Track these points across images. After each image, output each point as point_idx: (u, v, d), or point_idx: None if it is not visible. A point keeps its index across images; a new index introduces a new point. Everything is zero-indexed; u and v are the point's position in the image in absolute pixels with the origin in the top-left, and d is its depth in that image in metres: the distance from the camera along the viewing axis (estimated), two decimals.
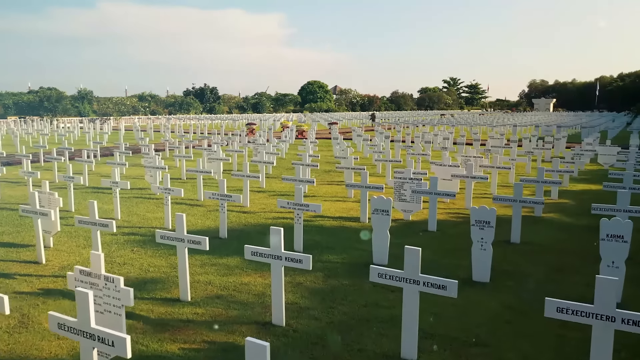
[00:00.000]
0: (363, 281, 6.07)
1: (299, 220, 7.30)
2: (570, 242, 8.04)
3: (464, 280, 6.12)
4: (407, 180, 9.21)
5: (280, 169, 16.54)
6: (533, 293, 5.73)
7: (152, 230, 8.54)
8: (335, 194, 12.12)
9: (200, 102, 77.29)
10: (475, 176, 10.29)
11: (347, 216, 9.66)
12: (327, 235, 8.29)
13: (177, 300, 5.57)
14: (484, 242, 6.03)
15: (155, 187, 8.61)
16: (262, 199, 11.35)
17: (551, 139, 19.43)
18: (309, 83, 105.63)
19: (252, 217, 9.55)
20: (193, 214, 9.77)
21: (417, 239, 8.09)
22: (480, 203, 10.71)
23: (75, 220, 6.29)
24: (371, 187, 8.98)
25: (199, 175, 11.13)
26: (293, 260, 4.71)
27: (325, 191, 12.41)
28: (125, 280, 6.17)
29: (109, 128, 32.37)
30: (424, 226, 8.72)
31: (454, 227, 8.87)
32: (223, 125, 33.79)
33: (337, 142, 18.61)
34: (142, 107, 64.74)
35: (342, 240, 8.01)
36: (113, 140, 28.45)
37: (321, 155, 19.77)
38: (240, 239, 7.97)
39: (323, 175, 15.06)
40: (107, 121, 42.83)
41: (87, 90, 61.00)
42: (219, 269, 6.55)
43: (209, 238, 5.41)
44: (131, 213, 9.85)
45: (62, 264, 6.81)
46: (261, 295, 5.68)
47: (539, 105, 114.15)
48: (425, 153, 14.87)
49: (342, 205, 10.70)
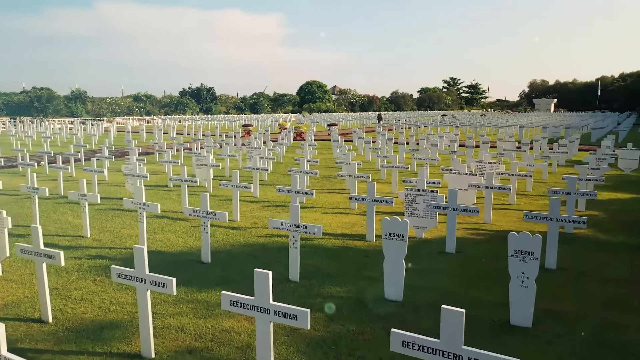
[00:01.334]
0: (375, 326, 4.86)
1: (294, 244, 6.09)
2: (613, 266, 6.83)
3: (501, 324, 4.91)
4: (421, 193, 8.00)
5: (277, 174, 15.31)
6: (590, 344, 4.52)
7: (124, 252, 7.32)
8: (337, 204, 10.90)
9: (197, 103, 75.88)
10: (495, 186, 9.08)
11: (351, 233, 8.44)
12: (328, 258, 7.08)
13: (138, 356, 4.35)
14: (526, 278, 4.82)
15: (128, 201, 7.39)
16: (254, 211, 10.13)
17: (565, 141, 18.24)
18: (307, 83, 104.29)
19: (242, 235, 8.33)
20: (174, 230, 8.54)
21: (435, 262, 6.88)
22: (502, 217, 9.50)
23: (17, 249, 5.06)
24: (379, 200, 7.77)
25: (183, 184, 9.90)
26: (286, 316, 3.50)
27: (325, 201, 11.19)
28: (79, 324, 4.96)
29: (99, 130, 31.11)
30: (440, 246, 7.51)
31: (475, 247, 7.65)
32: (219, 127, 32.55)
33: (338, 145, 17.39)
34: (136, 107, 63.27)
35: (346, 265, 6.80)
36: (102, 142, 27.25)
37: (320, 159, 18.57)
38: (226, 264, 6.76)
39: (323, 182, 13.84)
40: (100, 122, 41.56)
41: (81, 90, 59.66)
42: (196, 308, 5.32)
43: (190, 262, 4.23)
44: (103, 229, 8.62)
45: (5, 300, 5.58)
46: (246, 349, 4.46)
47: (540, 105, 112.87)
48: (434, 158, 13.65)
49: (344, 219, 9.49)
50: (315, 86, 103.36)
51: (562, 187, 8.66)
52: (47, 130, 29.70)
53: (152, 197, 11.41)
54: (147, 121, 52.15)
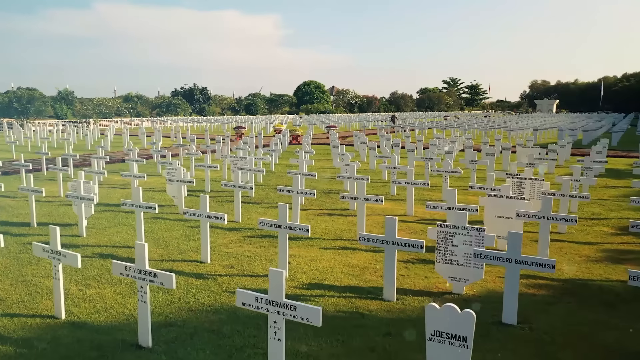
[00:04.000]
0: None
1: (276, 334, 3.73)
2: None
3: None
4: (460, 231, 5.66)
5: (267, 189, 12.92)
6: None
7: (30, 322, 4.93)
8: (339, 233, 8.53)
9: (190, 103, 73.14)
10: (555, 217, 6.73)
11: (360, 285, 6.08)
12: (326, 337, 4.70)
13: None
14: None
15: (38, 247, 5.05)
16: (233, 245, 7.76)
17: (601, 147, 15.91)
18: (305, 83, 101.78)
19: (209, 289, 5.95)
20: (115, 282, 6.15)
21: (490, 345, 4.50)
22: (560, 257, 6.50)
23: None
24: (403, 243, 5.43)
25: (138, 211, 7.50)
26: None
27: (324, 229, 8.82)
28: None
29: (74, 135, 28.62)
30: (492, 311, 5.16)
31: (545, 313, 5.29)
32: (208, 129, 30.19)
33: (339, 153, 15.04)
34: (125, 108, 60.49)
35: (354, 353, 4.43)
36: (78, 148, 24.85)
37: (319, 168, 16.21)
38: (173, 351, 4.39)
39: (321, 200, 11.46)
40: (81, 124, 39.05)
41: (69, 90, 56.85)
42: None
43: (120, 345, 2.30)
44: (17, 281, 6.23)
45: None
46: None
47: (542, 106, 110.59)
48: (455, 170, 11.29)
49: (351, 258, 7.11)
50: (313, 86, 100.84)
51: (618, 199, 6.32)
52: (14, 135, 27.27)
53: (107, 222, 9.03)
54: (136, 123, 49.63)
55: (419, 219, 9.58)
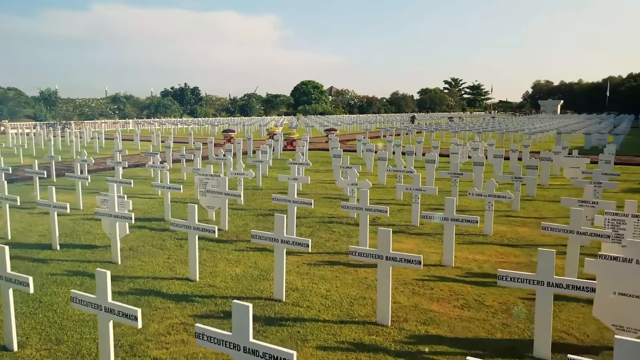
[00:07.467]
0: None
1: None
2: None
3: None
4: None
5: (250, 213, 9.77)
6: None
7: None
8: (347, 292, 5.44)
9: (180, 104, 69.68)
10: None
11: None
12: None
13: None
14: None
15: None
16: (173, 332, 4.66)
17: None
18: (302, 83, 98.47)
19: None
20: None
21: None
22: None
23: None
24: None
25: None
26: None
27: (326, 289, 5.72)
28: None
29: (41, 137, 25.50)
30: None
31: None
32: (192, 133, 27.11)
33: (341, 165, 11.91)
34: (111, 110, 57.08)
35: None
36: (40, 155, 21.80)
37: (316, 183, 12.97)
38: None
39: (320, 232, 8.37)
40: (58, 126, 35.89)
41: (51, 90, 53.47)
42: None
43: None
44: None
45: None
46: None
47: (546, 107, 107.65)
48: (504, 195, 8.18)
49: (372, 341, 4.03)
50: (311, 86, 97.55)
51: None
52: None
53: None
54: (122, 125, 46.40)
55: (465, 272, 6.49)
